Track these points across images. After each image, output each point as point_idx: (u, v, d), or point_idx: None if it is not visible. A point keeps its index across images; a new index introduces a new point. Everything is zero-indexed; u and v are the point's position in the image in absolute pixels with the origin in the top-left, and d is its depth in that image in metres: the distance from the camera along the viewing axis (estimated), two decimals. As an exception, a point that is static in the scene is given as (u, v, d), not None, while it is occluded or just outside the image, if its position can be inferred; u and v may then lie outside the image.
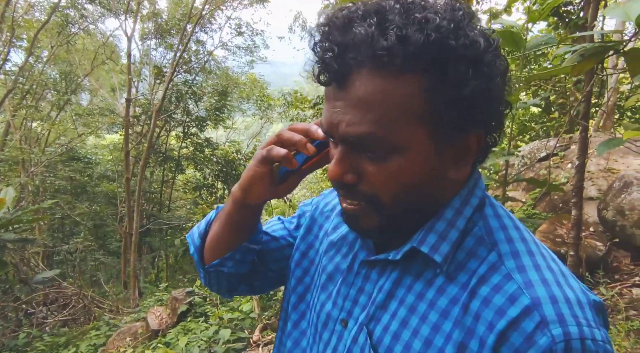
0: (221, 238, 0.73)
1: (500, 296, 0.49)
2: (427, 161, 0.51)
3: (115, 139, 15.29)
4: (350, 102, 0.48)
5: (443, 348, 0.51)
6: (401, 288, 0.57)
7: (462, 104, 0.48)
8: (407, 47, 0.45)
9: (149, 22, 13.03)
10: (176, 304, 4.70)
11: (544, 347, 0.45)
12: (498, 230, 0.55)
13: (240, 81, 14.65)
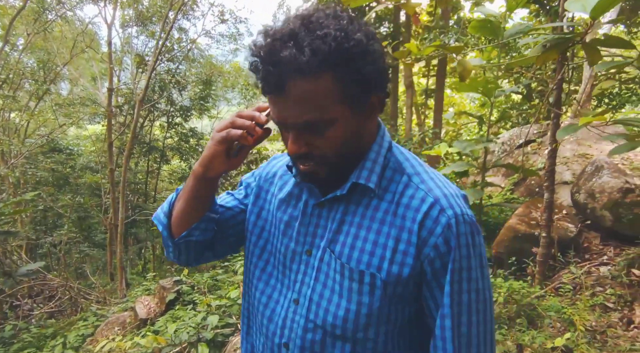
0: (187, 212, 0.90)
1: (415, 201, 0.76)
2: (351, 123, 0.75)
3: (97, 130, 15.05)
4: (290, 102, 0.70)
5: (386, 243, 0.76)
6: (348, 215, 0.80)
7: (363, 81, 0.71)
8: (318, 57, 0.66)
9: (129, 9, 12.78)
10: (164, 293, 4.74)
11: (444, 222, 0.74)
12: (404, 162, 0.82)
13: (224, 69, 14.53)
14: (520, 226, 3.22)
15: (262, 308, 0.89)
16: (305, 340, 0.80)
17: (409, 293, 0.77)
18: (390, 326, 0.78)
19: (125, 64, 14.24)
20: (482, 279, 0.76)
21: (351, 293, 0.77)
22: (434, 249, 0.74)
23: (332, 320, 0.78)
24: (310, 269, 0.82)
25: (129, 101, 12.20)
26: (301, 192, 0.88)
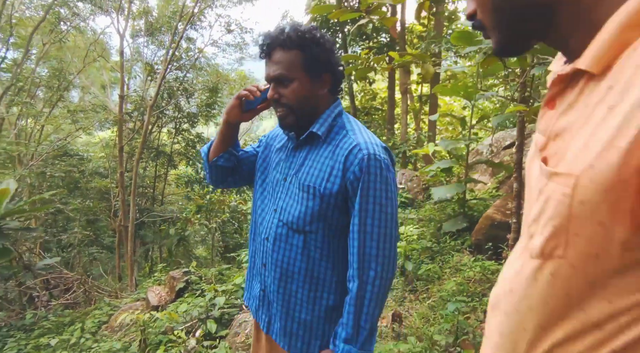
0: (217, 145, 1.42)
1: (345, 145, 1.19)
2: (306, 85, 1.22)
3: (106, 136, 15.51)
4: (273, 63, 1.21)
5: (325, 170, 1.20)
6: (309, 154, 1.27)
7: (316, 60, 1.20)
8: (292, 39, 1.18)
9: (139, 20, 13.28)
10: (174, 283, 5.09)
11: (360, 156, 1.14)
12: (347, 124, 1.26)
13: (230, 77, 14.97)
14: (496, 215, 3.55)
15: (259, 219, 1.35)
16: (277, 233, 1.26)
17: (338, 204, 1.19)
18: (326, 224, 1.21)
19: (134, 72, 14.71)
20: (385, 198, 1.15)
21: (303, 200, 1.21)
22: (352, 173, 1.15)
23: (292, 219, 1.23)
24: (284, 189, 1.28)
25: (139, 107, 12.64)
26: (288, 143, 1.35)
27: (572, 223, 0.46)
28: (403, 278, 3.59)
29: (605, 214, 0.43)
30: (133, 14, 12.66)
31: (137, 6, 12.85)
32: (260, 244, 1.32)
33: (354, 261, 1.14)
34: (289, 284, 1.24)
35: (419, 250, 3.86)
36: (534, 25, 0.54)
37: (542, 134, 0.55)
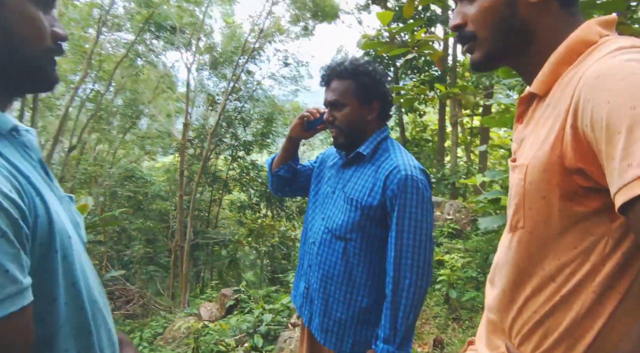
0: (280, 158, 1.67)
1: (387, 166, 1.36)
2: (356, 110, 1.43)
3: (168, 161, 16.60)
4: (330, 90, 1.45)
5: (367, 186, 1.37)
6: (355, 171, 1.45)
7: (367, 88, 1.41)
8: (348, 70, 1.42)
9: (205, 54, 14.38)
10: (225, 300, 5.35)
11: (399, 176, 1.31)
12: (390, 146, 1.44)
13: (284, 108, 15.58)
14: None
15: (310, 225, 1.56)
16: (322, 239, 1.44)
17: (377, 217, 1.36)
18: (364, 233, 1.37)
19: (197, 102, 15.78)
20: (420, 214, 1.30)
21: (346, 211, 1.39)
22: (391, 191, 1.32)
23: (335, 227, 1.41)
24: (332, 201, 1.48)
25: (199, 135, 13.51)
26: (338, 161, 1.55)
27: (526, 199, 0.65)
28: (447, 306, 3.59)
29: (545, 190, 0.62)
30: (200, 49, 13.76)
31: (204, 42, 14.00)
32: (308, 247, 1.52)
33: (391, 269, 1.29)
34: (328, 285, 1.41)
35: (464, 280, 3.85)
36: (512, 48, 0.71)
37: (515, 142, 0.73)
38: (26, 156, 0.70)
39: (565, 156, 0.58)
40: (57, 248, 0.63)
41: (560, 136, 0.59)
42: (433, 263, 1.41)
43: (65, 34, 0.69)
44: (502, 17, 0.69)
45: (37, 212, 0.60)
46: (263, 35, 12.93)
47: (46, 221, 0.62)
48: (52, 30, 0.67)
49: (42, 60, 0.67)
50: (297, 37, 14.50)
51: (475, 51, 0.73)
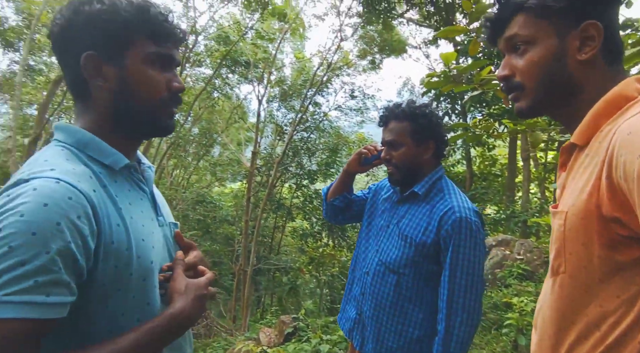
0: (335, 189, 1.78)
1: (442, 206, 1.43)
2: (413, 150, 1.51)
3: (236, 188, 17.40)
4: (388, 131, 1.55)
5: (422, 225, 1.44)
6: (409, 209, 1.53)
7: (422, 130, 1.50)
8: (405, 112, 1.52)
9: (275, 87, 15.15)
10: (283, 327, 5.41)
11: (453, 218, 1.38)
12: (445, 187, 1.49)
13: (350, 139, 15.81)
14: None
15: (362, 254, 1.64)
16: (376, 270, 1.51)
17: (430, 254, 1.41)
18: (418, 269, 1.43)
19: (266, 132, 16.53)
20: (473, 255, 1.35)
21: (400, 247, 1.46)
22: (446, 231, 1.37)
23: (389, 260, 1.48)
24: (386, 235, 1.56)
25: (267, 163, 14.09)
26: (392, 195, 1.64)
27: (567, 245, 0.66)
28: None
29: (584, 236, 0.63)
30: (271, 82, 14.54)
31: (275, 76, 14.78)
32: (361, 275, 1.59)
33: (444, 307, 1.34)
34: (380, 314, 1.47)
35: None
36: (557, 100, 0.75)
37: (558, 189, 0.76)
38: (137, 188, 0.84)
39: (602, 205, 0.60)
40: (133, 271, 0.73)
41: (597, 186, 0.61)
42: (500, 305, 1.43)
43: (181, 87, 0.84)
44: (550, 72, 0.72)
45: (113, 239, 0.71)
46: (331, 69, 13.39)
47: (125, 247, 0.73)
48: (170, 85, 0.82)
49: (156, 111, 0.82)
50: (364, 70, 14.83)
51: (521, 100, 0.77)
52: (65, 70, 0.81)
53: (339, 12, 12.07)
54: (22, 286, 0.60)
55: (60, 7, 0.79)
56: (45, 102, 9.16)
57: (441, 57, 1.84)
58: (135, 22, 0.77)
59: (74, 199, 0.66)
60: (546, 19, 0.71)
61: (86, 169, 0.74)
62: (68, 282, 0.65)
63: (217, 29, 12.30)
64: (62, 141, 0.78)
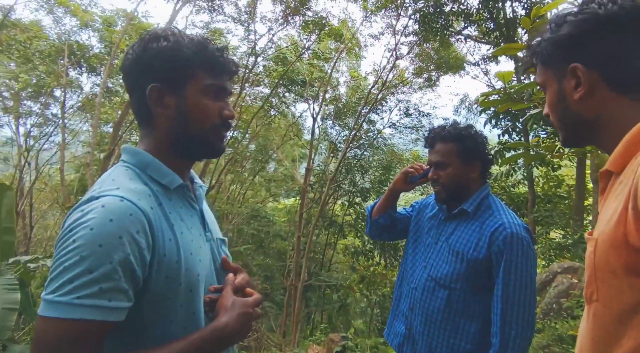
0: (380, 207, 1.82)
1: (492, 222, 1.47)
2: (460, 169, 1.57)
3: (289, 203, 17.71)
4: (435, 152, 1.62)
5: (472, 241, 1.48)
6: (458, 226, 1.57)
7: (468, 151, 1.56)
8: (448, 136, 1.59)
9: (330, 105, 15.39)
10: (332, 345, 5.38)
11: (505, 234, 1.41)
12: (492, 203, 1.54)
13: (404, 157, 15.63)
14: None
15: (410, 270, 1.67)
16: (425, 286, 1.54)
17: (482, 269, 1.44)
18: (469, 285, 1.46)
19: (320, 149, 16.78)
20: (525, 270, 1.37)
21: (451, 262, 1.49)
22: (497, 247, 1.41)
23: (440, 275, 1.51)
24: (435, 251, 1.59)
25: (320, 180, 14.24)
26: (438, 213, 1.68)
27: (597, 272, 0.65)
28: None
29: (613, 265, 0.62)
30: (326, 100, 14.79)
31: (330, 94, 15.03)
32: (408, 291, 1.62)
33: (497, 321, 1.36)
34: (432, 329, 1.50)
35: None
36: (583, 134, 0.78)
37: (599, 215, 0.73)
38: (188, 206, 0.93)
39: (630, 234, 0.59)
40: (181, 282, 0.81)
41: (624, 215, 0.60)
42: (567, 338, 1.39)
43: (231, 114, 0.93)
44: (559, 113, 0.79)
45: (166, 251, 0.79)
46: (386, 87, 13.39)
47: (175, 260, 0.80)
48: (221, 113, 0.91)
49: (209, 135, 0.91)
50: (420, 88, 14.68)
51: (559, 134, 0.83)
52: (133, 98, 0.91)
53: (394, 31, 12.11)
54: (90, 291, 0.69)
55: (133, 44, 0.90)
56: (120, 120, 9.96)
57: (498, 77, 1.80)
58: (195, 58, 0.87)
59: (134, 215, 0.75)
60: (549, 66, 0.79)
61: (146, 188, 0.83)
62: (127, 289, 0.73)
63: (275, 50, 12.78)
64: (127, 162, 0.88)
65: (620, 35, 0.71)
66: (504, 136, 7.96)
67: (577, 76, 0.74)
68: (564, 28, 0.75)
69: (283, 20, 11.73)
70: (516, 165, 8.60)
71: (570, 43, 0.74)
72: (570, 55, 0.74)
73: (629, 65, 0.71)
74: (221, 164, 13.02)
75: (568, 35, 0.74)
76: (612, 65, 0.72)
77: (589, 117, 0.74)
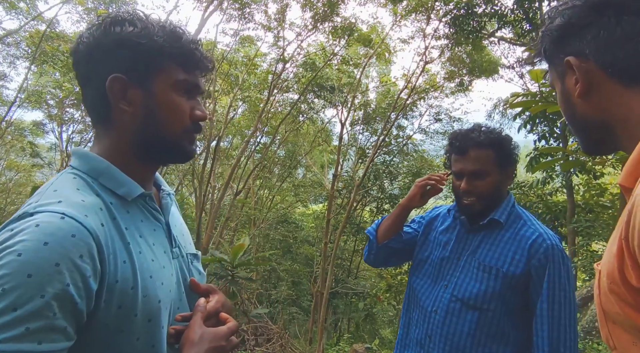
0: (391, 228, 1.57)
1: (528, 233, 1.34)
2: (498, 177, 1.40)
3: (317, 209, 17.64)
4: (469, 160, 1.40)
5: (507, 254, 1.32)
6: (484, 238, 1.41)
7: (507, 156, 1.41)
8: (486, 141, 1.40)
9: (359, 111, 15.26)
10: (356, 356, 5.22)
11: (544, 246, 1.29)
12: (522, 214, 1.42)
13: (434, 163, 15.29)
14: None
15: (419, 293, 1.47)
16: (449, 308, 1.36)
17: (519, 286, 1.30)
18: (504, 304, 1.30)
19: (349, 155, 16.66)
20: (568, 284, 1.26)
21: (483, 280, 1.33)
22: (538, 260, 1.28)
23: (469, 295, 1.34)
24: (458, 267, 1.43)
25: (348, 186, 14.11)
26: (455, 225, 1.52)
27: (605, 312, 0.53)
28: None
29: (618, 305, 0.50)
30: (355, 106, 14.67)
31: (359, 100, 14.90)
32: (423, 316, 1.44)
33: (545, 344, 1.22)
34: None
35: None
36: (600, 137, 0.65)
37: None
38: (151, 218, 0.80)
39: (626, 269, 0.49)
40: (138, 312, 0.69)
41: (620, 247, 0.50)
42: None
43: (204, 115, 0.81)
44: (568, 114, 0.70)
45: (118, 277, 0.67)
46: (416, 92, 13.15)
47: (130, 286, 0.68)
48: (193, 113, 0.80)
49: (179, 137, 0.79)
50: (452, 93, 14.34)
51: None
52: (87, 90, 0.79)
53: (424, 34, 11.88)
54: (12, 334, 0.56)
55: (89, 26, 0.77)
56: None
57: (530, 75, 1.65)
58: (167, 48, 0.76)
59: (77, 236, 0.62)
60: (551, 64, 0.72)
61: (97, 200, 0.71)
62: (64, 327, 0.60)
63: (304, 56, 12.80)
64: (76, 168, 0.76)
65: (615, 18, 0.59)
66: (540, 142, 7.58)
67: (574, 70, 0.64)
68: (557, 19, 0.67)
69: (312, 26, 11.73)
70: (554, 172, 8.18)
71: (562, 34, 0.66)
72: (564, 47, 0.66)
73: (632, 50, 0.58)
74: (249, 169, 13.11)
75: (558, 25, 0.66)
76: (609, 51, 0.60)
77: (597, 117, 0.63)
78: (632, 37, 0.58)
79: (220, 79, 11.82)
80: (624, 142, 0.61)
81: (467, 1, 8.21)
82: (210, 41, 11.39)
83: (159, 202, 0.86)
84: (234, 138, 15.23)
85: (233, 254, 5.81)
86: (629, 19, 0.58)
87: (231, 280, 5.89)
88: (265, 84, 12.64)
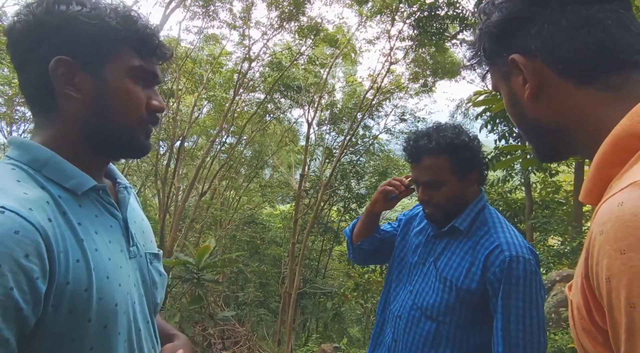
0: (362, 230, 1.56)
1: (487, 243, 1.23)
2: (456, 186, 1.28)
3: (285, 209, 17.56)
4: (422, 169, 1.29)
5: (464, 266, 1.24)
6: (448, 245, 1.33)
7: (464, 162, 1.26)
8: (440, 146, 1.24)
9: (326, 111, 15.31)
10: (325, 356, 5.21)
11: (502, 258, 1.17)
12: (489, 219, 1.29)
13: (400, 162, 15.54)
14: None
15: (393, 293, 1.44)
16: (410, 315, 1.31)
17: (474, 300, 1.22)
18: (460, 318, 1.23)
19: (316, 155, 16.67)
20: (529, 301, 1.13)
21: (439, 291, 1.26)
22: (493, 274, 1.17)
23: (426, 305, 1.28)
24: (421, 273, 1.36)
25: (315, 186, 14.12)
26: (427, 227, 1.44)
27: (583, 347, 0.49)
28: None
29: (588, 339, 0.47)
30: (321, 106, 14.70)
31: (326, 100, 14.94)
32: (392, 319, 1.39)
33: None
34: None
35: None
36: (555, 142, 0.60)
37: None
38: (106, 214, 0.73)
39: (593, 308, 0.45)
40: (92, 317, 0.62)
41: (582, 284, 0.46)
42: (566, 350, 1.21)
43: (161, 106, 0.75)
44: (519, 120, 0.62)
45: (69, 278, 0.60)
46: (382, 92, 13.32)
47: (84, 288, 0.61)
48: (149, 103, 0.74)
49: (133, 129, 0.73)
50: (416, 93, 14.62)
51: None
52: (24, 75, 0.70)
53: (389, 35, 12.05)
54: None
55: (28, 3, 0.69)
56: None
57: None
58: (121, 31, 0.69)
59: (21, 233, 0.55)
60: (493, 64, 0.64)
61: (42, 194, 0.63)
62: (7, 339, 0.53)
63: (270, 55, 12.69)
64: (14, 159, 0.67)
65: (559, 8, 0.55)
66: (501, 141, 7.85)
67: (520, 69, 0.58)
68: (494, 14, 0.60)
69: (278, 25, 11.64)
70: (513, 171, 8.50)
71: (503, 30, 0.59)
72: (507, 44, 0.59)
73: (580, 42, 0.53)
74: (215, 169, 12.86)
75: (497, 21, 0.59)
76: (556, 46, 0.55)
77: (551, 120, 0.57)
78: (579, 27, 0.53)
79: (184, 78, 11.53)
80: (583, 148, 0.57)
81: (430, 3, 8.39)
82: (174, 38, 11.08)
83: (115, 196, 0.79)
84: (198, 138, 14.90)
85: (198, 256, 5.67)
86: (572, 9, 0.54)
87: (197, 282, 5.74)
88: (231, 83, 12.44)
